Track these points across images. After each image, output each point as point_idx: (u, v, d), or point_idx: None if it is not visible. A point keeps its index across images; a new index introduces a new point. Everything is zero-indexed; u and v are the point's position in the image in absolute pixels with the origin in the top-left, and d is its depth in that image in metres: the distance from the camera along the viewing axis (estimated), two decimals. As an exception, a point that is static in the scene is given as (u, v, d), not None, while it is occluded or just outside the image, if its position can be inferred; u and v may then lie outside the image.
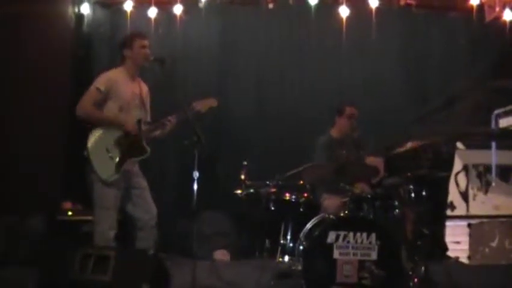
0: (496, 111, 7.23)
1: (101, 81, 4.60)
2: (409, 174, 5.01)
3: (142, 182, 4.77)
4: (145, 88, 4.88)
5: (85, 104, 4.55)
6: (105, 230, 4.51)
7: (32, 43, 6.17)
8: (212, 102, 4.79)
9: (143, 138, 4.65)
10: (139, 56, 4.72)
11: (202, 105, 4.73)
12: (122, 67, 4.77)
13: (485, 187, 7.22)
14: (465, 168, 7.24)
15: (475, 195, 7.19)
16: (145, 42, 4.75)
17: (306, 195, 5.31)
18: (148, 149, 4.67)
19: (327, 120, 6.02)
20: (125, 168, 4.57)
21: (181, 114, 4.68)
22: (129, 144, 4.60)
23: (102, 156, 4.50)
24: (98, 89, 4.56)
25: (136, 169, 4.76)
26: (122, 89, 4.64)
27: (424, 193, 5.08)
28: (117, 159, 4.53)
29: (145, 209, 4.71)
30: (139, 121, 4.68)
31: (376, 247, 4.42)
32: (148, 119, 4.86)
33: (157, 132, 4.79)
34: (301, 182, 5.62)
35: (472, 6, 6.93)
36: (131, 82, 4.74)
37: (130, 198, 4.69)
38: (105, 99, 4.59)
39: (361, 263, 4.40)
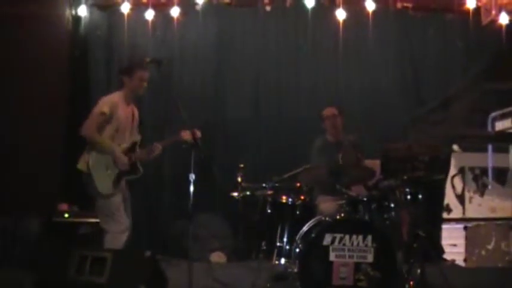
0: (492, 114, 7.24)
1: (105, 105, 4.79)
2: (405, 176, 5.01)
3: (127, 194, 5.00)
4: (136, 112, 5.10)
5: (89, 127, 4.74)
6: (116, 235, 4.69)
7: (30, 45, 6.18)
8: (197, 134, 4.85)
9: (138, 161, 4.93)
10: (137, 87, 4.96)
11: (188, 136, 4.84)
12: (120, 92, 4.97)
13: (482, 190, 7.23)
14: (461, 171, 7.25)
15: (471, 198, 7.20)
16: (146, 75, 4.94)
17: (302, 197, 5.29)
18: (142, 170, 4.95)
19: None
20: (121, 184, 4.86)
21: (168, 142, 5.05)
22: None
23: (102, 173, 4.75)
24: (103, 113, 4.75)
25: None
26: (120, 112, 4.85)
27: (420, 196, 5.08)
28: (115, 177, 4.78)
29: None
30: (134, 144, 4.96)
31: (372, 249, 4.43)
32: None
33: (143, 157, 4.99)
34: (298, 184, 5.62)
35: (468, 9, 6.95)
36: (126, 106, 4.96)
37: None
38: (107, 121, 4.77)
39: (357, 265, 4.40)
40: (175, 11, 6.93)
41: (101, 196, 4.73)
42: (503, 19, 6.81)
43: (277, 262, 4.99)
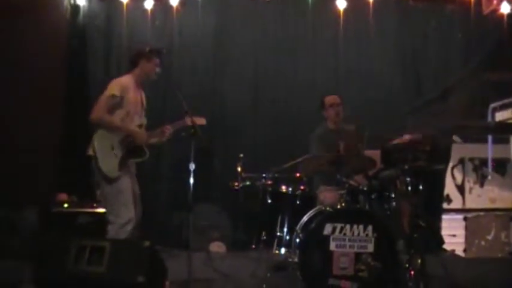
0: (493, 105, 7.21)
1: (116, 88, 4.71)
2: (405, 166, 4.98)
3: (137, 189, 4.91)
4: (144, 96, 5.04)
5: (98, 110, 4.65)
6: (121, 225, 4.59)
7: (28, 35, 6.14)
8: (201, 121, 4.85)
9: (150, 141, 4.89)
10: (151, 71, 4.92)
11: (192, 122, 4.79)
12: (132, 74, 4.91)
13: (482, 180, 7.23)
14: (461, 161, 7.24)
15: (471, 189, 7.20)
16: (158, 61, 4.92)
17: (302, 187, 5.28)
18: (148, 152, 4.85)
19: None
20: (127, 167, 4.74)
21: (176, 125, 4.89)
22: (132, 145, 4.75)
23: (107, 153, 4.64)
24: (113, 95, 4.67)
25: (133, 171, 4.90)
26: (130, 96, 4.79)
27: (420, 186, 5.06)
28: (120, 157, 4.67)
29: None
30: (140, 126, 4.86)
31: (373, 239, 4.41)
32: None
33: (155, 140, 4.95)
34: (298, 174, 5.60)
35: (469, -1, 6.95)
36: (136, 89, 4.90)
37: None
38: (118, 105, 4.70)
39: (358, 255, 4.38)
40: (174, 0, 6.92)
41: (106, 180, 4.61)
42: (505, 8, 6.81)
43: (277, 252, 4.98)
